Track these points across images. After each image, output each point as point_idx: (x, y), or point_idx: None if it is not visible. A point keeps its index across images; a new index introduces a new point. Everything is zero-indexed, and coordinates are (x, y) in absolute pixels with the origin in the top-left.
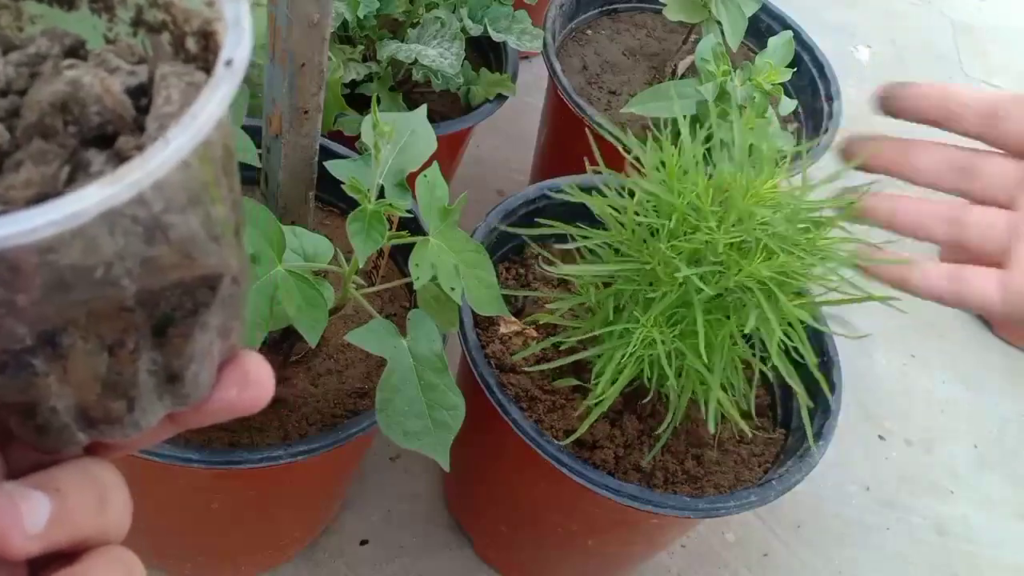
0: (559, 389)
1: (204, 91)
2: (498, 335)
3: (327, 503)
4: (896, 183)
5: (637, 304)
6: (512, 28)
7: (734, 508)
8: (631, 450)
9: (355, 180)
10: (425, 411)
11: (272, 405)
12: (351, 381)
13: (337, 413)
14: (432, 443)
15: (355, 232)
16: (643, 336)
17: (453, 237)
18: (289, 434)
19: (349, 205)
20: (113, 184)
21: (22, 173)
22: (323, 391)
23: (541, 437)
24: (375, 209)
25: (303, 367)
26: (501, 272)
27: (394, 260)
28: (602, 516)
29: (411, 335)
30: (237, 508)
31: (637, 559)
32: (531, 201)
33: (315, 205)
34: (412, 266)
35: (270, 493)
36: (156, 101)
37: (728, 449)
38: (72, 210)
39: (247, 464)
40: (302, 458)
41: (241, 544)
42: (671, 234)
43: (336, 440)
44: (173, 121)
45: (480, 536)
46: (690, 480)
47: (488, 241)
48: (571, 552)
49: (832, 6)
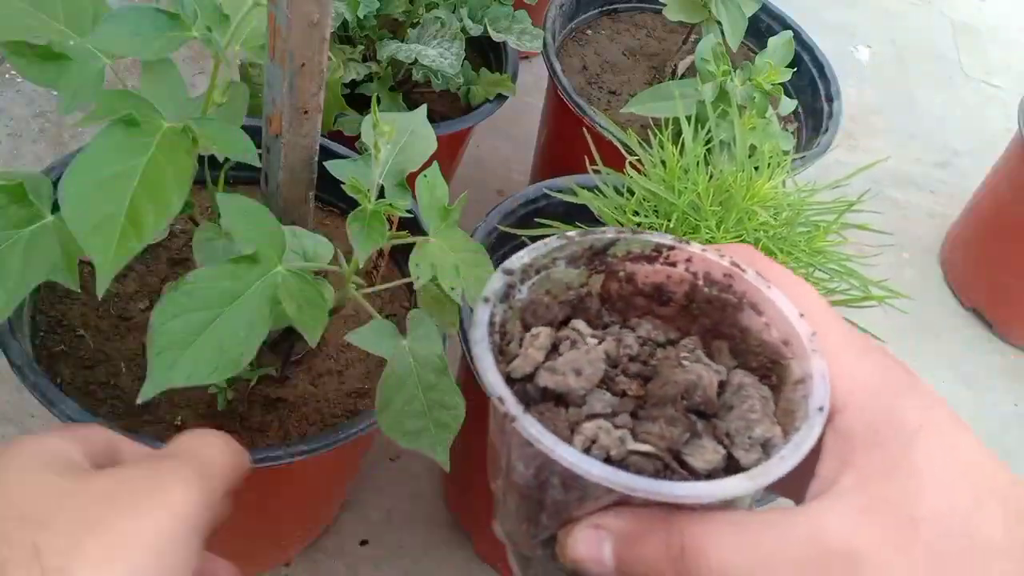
0: None
1: (805, 430)
2: None
3: (327, 503)
4: (895, 185)
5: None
6: (512, 28)
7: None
8: None
9: (355, 180)
10: (425, 411)
11: (272, 405)
12: (351, 381)
13: (337, 413)
14: (432, 443)
15: (355, 232)
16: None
17: (453, 237)
18: (289, 434)
19: (349, 205)
20: (752, 479)
21: (656, 427)
22: (323, 391)
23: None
24: (375, 209)
25: (303, 367)
26: None
27: (394, 260)
28: None
29: (411, 335)
30: (236, 509)
31: None
32: (531, 201)
33: (315, 205)
34: (412, 266)
35: (270, 494)
36: (739, 404)
37: None
38: (726, 491)
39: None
40: (302, 458)
41: (241, 545)
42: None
43: (336, 440)
44: (759, 429)
45: (480, 536)
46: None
47: (488, 241)
48: None
49: (832, 6)
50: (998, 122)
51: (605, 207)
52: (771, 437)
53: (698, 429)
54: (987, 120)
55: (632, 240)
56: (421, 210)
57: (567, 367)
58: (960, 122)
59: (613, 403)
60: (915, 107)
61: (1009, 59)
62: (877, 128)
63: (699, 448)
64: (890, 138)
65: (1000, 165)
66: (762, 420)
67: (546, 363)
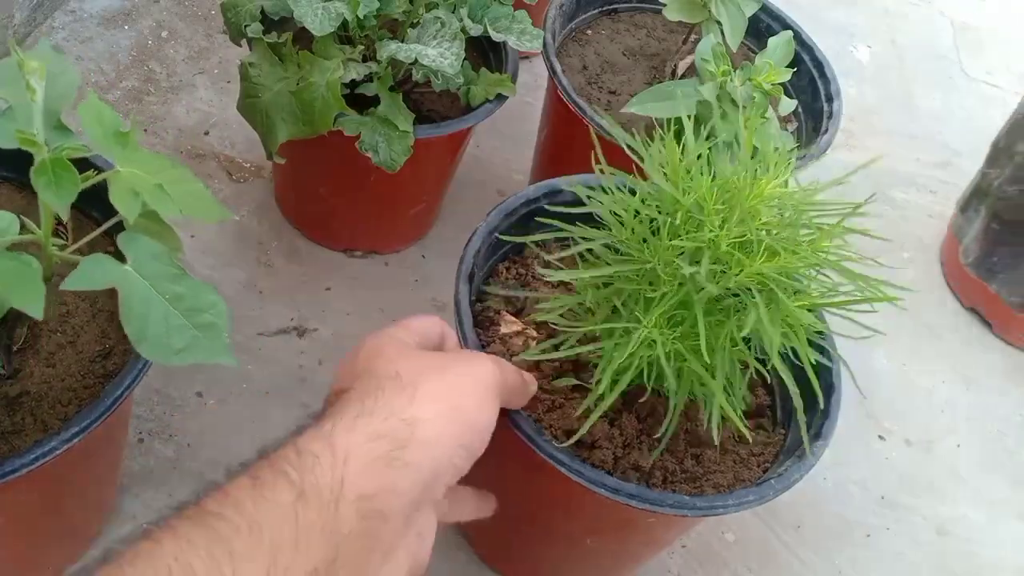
0: (558, 388)
1: None
2: (499, 335)
3: (110, 483)
4: (895, 185)
5: (637, 305)
6: (512, 28)
7: (732, 507)
8: (630, 450)
9: (22, 132)
10: (185, 323)
11: (15, 403)
12: (88, 347)
13: (88, 383)
14: (208, 351)
15: (45, 185)
16: (643, 337)
17: (143, 160)
18: (49, 424)
19: (10, 171)
20: None
21: None
22: (64, 368)
23: (540, 436)
24: (55, 156)
25: (30, 352)
26: (501, 271)
27: (80, 211)
28: (600, 515)
29: (131, 258)
30: (23, 517)
31: (637, 559)
32: (531, 200)
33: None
34: (116, 204)
35: (52, 493)
36: None
37: (727, 449)
38: None
39: (24, 469)
40: (78, 439)
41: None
42: (673, 232)
43: (113, 404)
44: None
45: (480, 536)
46: (689, 479)
47: (489, 241)
48: (571, 552)
49: (832, 6)
50: (998, 122)
51: (609, 206)
52: None
53: None
54: (987, 120)
55: None
56: (95, 143)
57: None
58: (960, 122)
59: None
60: (915, 107)
61: (1009, 59)
62: (877, 128)
63: None
64: (890, 138)
65: None
66: None
67: None
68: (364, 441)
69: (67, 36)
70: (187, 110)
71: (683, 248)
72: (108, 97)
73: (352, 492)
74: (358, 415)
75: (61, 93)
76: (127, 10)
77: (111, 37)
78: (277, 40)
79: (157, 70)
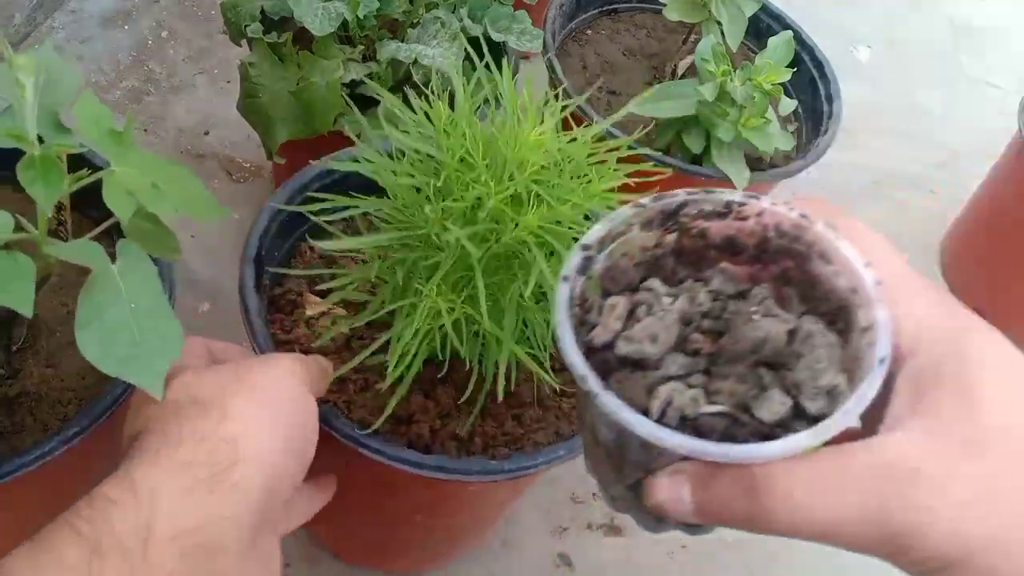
0: (370, 367)
1: (868, 383)
2: (304, 318)
3: None
4: (895, 185)
5: (420, 274)
6: (512, 28)
7: (543, 463)
8: (448, 420)
9: (11, 128)
10: (136, 337)
11: (15, 403)
12: None
13: (89, 384)
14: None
15: (31, 181)
16: (427, 308)
17: (139, 159)
18: (48, 425)
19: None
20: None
21: (727, 384)
22: (64, 369)
23: (337, 419)
24: (44, 153)
25: (30, 352)
26: (305, 251)
27: (81, 212)
28: (416, 490)
29: (121, 259)
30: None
31: (474, 528)
32: (327, 173)
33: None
34: (110, 204)
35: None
36: (807, 353)
37: (548, 405)
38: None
39: (23, 470)
40: (77, 441)
41: None
42: (440, 194)
43: (113, 404)
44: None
45: (329, 535)
46: (511, 442)
47: (279, 219)
48: (405, 529)
49: (832, 6)
50: (998, 122)
51: (381, 172)
52: (836, 385)
53: (766, 383)
54: (987, 120)
55: (703, 199)
56: (91, 142)
57: (643, 335)
58: (960, 122)
59: (687, 364)
60: (915, 107)
61: (1009, 59)
62: (877, 128)
63: (767, 401)
64: (890, 138)
65: (1000, 165)
66: (828, 369)
67: (624, 331)
68: (174, 471)
69: (67, 36)
70: (187, 110)
71: (452, 211)
72: (108, 97)
73: (166, 531)
74: (160, 448)
75: (61, 92)
76: (127, 10)
77: (111, 37)
78: (277, 40)
79: (157, 70)
